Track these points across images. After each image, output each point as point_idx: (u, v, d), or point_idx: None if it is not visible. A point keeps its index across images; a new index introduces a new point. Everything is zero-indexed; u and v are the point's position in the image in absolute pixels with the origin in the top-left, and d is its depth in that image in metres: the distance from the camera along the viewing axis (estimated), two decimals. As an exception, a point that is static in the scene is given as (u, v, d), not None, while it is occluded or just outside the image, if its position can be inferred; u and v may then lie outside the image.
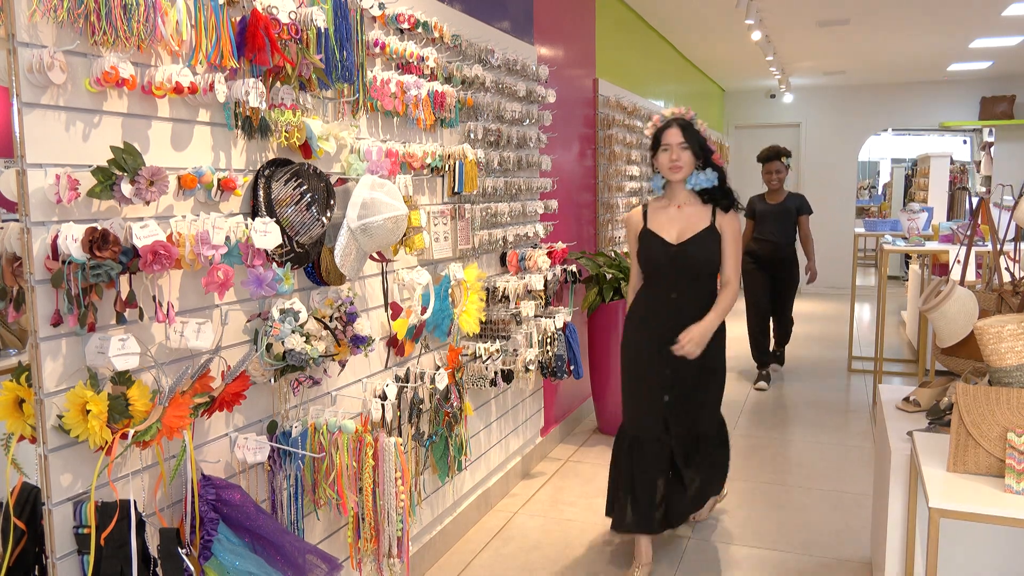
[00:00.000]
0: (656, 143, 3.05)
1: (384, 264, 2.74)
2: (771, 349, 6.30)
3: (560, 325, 3.99)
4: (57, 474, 1.67)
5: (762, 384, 6.01)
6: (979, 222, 2.96)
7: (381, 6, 2.67)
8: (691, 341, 2.92)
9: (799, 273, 6.11)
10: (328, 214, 2.24)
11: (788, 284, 6.08)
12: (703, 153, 3.00)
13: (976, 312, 2.42)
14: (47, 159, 1.62)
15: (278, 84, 2.15)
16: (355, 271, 2.38)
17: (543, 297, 3.88)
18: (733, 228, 3.04)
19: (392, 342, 2.82)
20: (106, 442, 1.65)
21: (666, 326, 3.01)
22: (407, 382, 2.88)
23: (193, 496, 1.88)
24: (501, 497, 3.89)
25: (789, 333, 6.39)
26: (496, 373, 3.44)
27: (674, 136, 2.98)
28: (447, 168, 3.07)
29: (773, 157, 5.91)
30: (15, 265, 1.72)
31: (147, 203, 1.75)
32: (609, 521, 3.23)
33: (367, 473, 2.32)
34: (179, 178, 1.87)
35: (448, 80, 3.13)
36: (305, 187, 2.17)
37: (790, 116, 11.34)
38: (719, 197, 3.03)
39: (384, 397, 2.69)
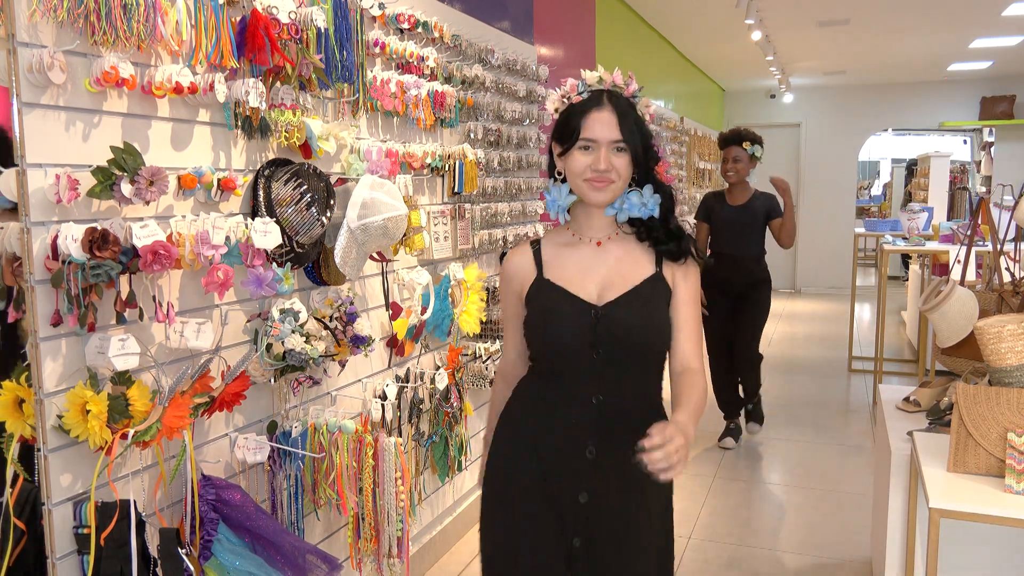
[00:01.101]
0: (569, 131, 1.63)
1: (384, 264, 2.74)
2: (742, 400, 4.74)
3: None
4: (57, 474, 1.67)
5: (728, 441, 4.60)
6: (979, 222, 2.96)
7: (381, 6, 2.67)
8: (671, 442, 1.38)
9: (769, 298, 4.58)
10: (328, 214, 2.24)
11: (754, 313, 4.51)
12: (646, 159, 1.65)
13: (976, 312, 2.42)
14: (47, 159, 1.62)
15: (278, 84, 2.15)
16: (355, 271, 2.38)
17: (543, 297, 3.87)
18: (692, 287, 1.70)
19: (392, 342, 2.82)
20: (106, 442, 1.65)
21: (578, 463, 1.63)
22: (407, 382, 2.88)
23: (193, 496, 1.88)
24: (501, 497, 3.88)
25: (758, 378, 4.66)
26: (496, 373, 3.43)
27: (605, 127, 1.61)
28: (447, 168, 3.07)
29: (731, 141, 4.37)
30: (15, 265, 1.72)
31: (147, 203, 1.75)
32: None
33: (367, 473, 2.32)
34: (179, 178, 1.87)
35: (448, 80, 3.13)
36: (305, 187, 2.17)
37: (790, 116, 11.34)
38: (662, 236, 1.68)
39: (384, 397, 2.69)
